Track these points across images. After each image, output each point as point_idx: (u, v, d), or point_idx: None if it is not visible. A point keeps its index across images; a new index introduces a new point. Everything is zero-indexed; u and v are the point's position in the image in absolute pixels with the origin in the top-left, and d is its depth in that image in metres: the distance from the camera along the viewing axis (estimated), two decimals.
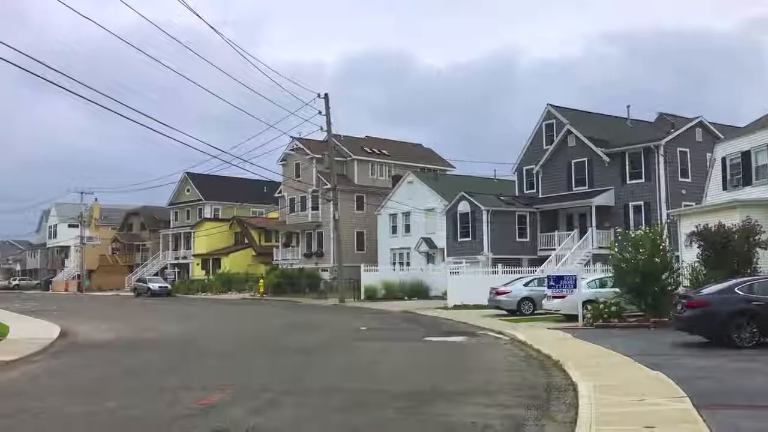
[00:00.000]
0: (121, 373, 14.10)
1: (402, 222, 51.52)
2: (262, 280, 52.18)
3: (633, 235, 23.41)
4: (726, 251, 21.06)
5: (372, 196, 55.65)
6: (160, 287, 58.64)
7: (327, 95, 41.85)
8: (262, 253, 63.49)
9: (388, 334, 22.38)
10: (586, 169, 42.03)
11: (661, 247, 22.46)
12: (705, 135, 40.04)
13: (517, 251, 42.01)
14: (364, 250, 54.84)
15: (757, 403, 9.43)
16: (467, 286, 33.72)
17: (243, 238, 67.17)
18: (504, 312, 27.32)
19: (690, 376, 11.20)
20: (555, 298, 23.52)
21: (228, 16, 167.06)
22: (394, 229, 52.14)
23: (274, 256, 60.82)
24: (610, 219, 40.11)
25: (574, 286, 22.26)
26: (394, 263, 50.40)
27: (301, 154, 57.96)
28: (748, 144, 26.89)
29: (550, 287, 23.21)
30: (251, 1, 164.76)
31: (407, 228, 50.97)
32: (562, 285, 22.63)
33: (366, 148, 59.71)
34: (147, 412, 9.73)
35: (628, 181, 40.10)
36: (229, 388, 11.43)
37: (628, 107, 45.43)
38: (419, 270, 46.08)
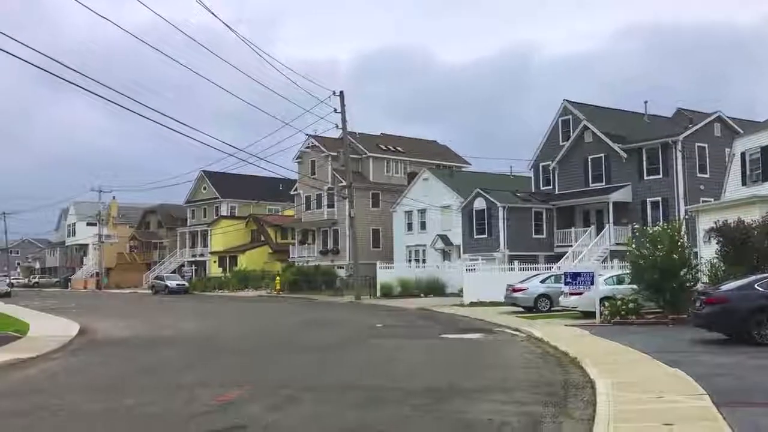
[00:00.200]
0: (139, 370, 14.21)
1: (417, 219, 51.46)
2: (278, 278, 52.36)
3: (651, 232, 23.22)
4: (745, 247, 20.84)
5: (387, 193, 55.64)
6: (177, 285, 59.03)
7: (342, 93, 41.92)
8: (279, 251, 63.71)
9: (405, 331, 22.38)
10: (603, 165, 41.75)
11: (679, 243, 22.27)
12: (724, 130, 39.64)
13: (533, 248, 41.83)
14: (380, 247, 54.86)
15: None
16: (483, 283, 33.64)
17: (259, 235, 67.42)
18: (520, 309, 27.24)
19: (709, 373, 11.09)
20: (572, 295, 23.38)
21: (243, 14, 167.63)
22: (410, 226, 52.10)
23: (290, 253, 61.02)
24: (628, 215, 39.83)
25: (592, 283, 22.11)
26: (410, 260, 50.37)
27: (316, 151, 58.07)
28: None
29: (567, 284, 23.06)
30: None
31: (423, 225, 50.91)
32: (579, 282, 22.48)
33: (381, 146, 59.69)
34: (165, 409, 9.79)
35: (646, 177, 39.79)
36: (247, 385, 11.48)
37: (646, 103, 45.20)
38: (435, 267, 46.01)
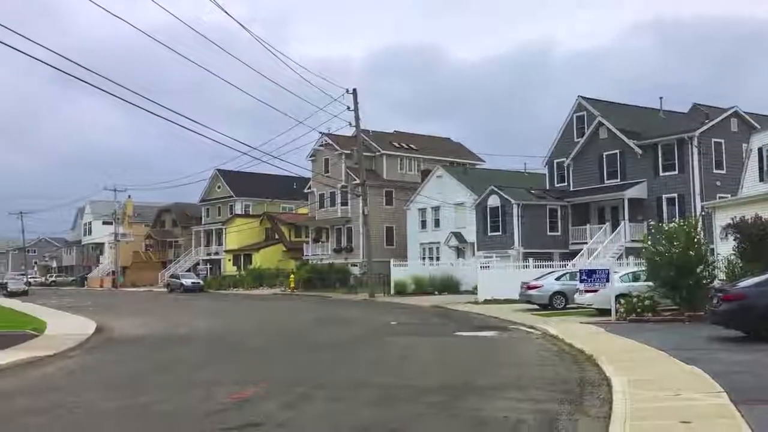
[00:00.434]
0: (154, 368, 14.29)
1: (431, 216, 51.39)
2: (292, 276, 52.49)
3: (667, 228, 23.04)
4: (763, 243, 20.65)
5: (401, 190, 55.61)
6: (192, 283, 59.35)
7: (355, 90, 41.92)
8: (293, 249, 63.87)
9: (419, 329, 22.35)
10: (618, 161, 41.48)
11: (695, 239, 22.07)
12: (740, 125, 39.25)
13: (548, 245, 41.67)
14: (394, 245, 54.85)
15: None
16: (498, 280, 33.55)
17: (273, 233, 67.62)
18: (535, 306, 27.14)
19: (726, 370, 10.98)
20: (587, 292, 23.27)
21: (256, 13, 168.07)
22: (424, 224, 52.03)
23: (304, 251, 61.15)
24: (643, 212, 39.54)
25: (607, 280, 21.98)
26: (424, 258, 50.31)
27: (330, 149, 58.13)
28: None
29: (582, 281, 22.94)
30: None
31: (437, 222, 50.84)
32: (595, 279, 22.36)
33: (395, 143, 59.65)
34: (180, 406, 9.84)
35: (661, 173, 39.48)
36: (262, 383, 11.51)
37: (661, 98, 44.77)
38: (449, 265, 45.90)
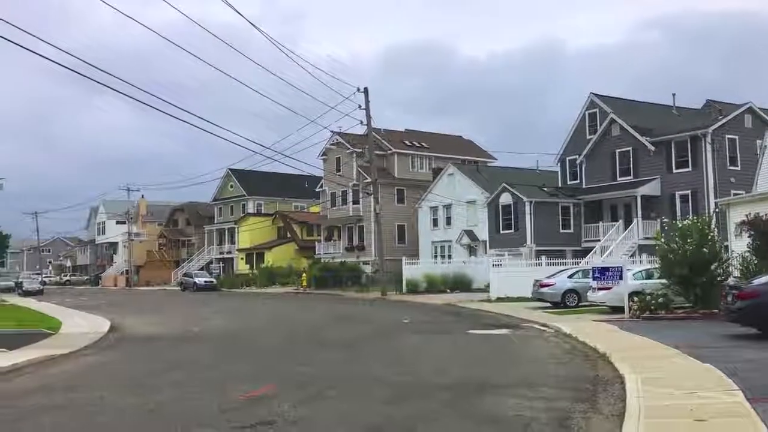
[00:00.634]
0: (168, 366, 14.37)
1: (443, 215, 51.35)
2: (304, 274, 52.59)
3: (680, 225, 22.93)
4: None
5: (412, 189, 55.57)
6: (205, 282, 59.62)
7: (366, 89, 41.94)
8: (305, 247, 64.02)
9: (432, 327, 22.35)
10: (631, 158, 41.28)
11: (709, 236, 21.96)
12: (755, 121, 38.98)
13: (560, 243, 41.52)
14: (405, 243, 54.83)
15: None
16: (510, 278, 33.48)
17: (285, 232, 67.80)
18: (548, 304, 27.07)
19: (741, 368, 10.91)
20: (600, 289, 23.19)
21: (268, 12, 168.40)
22: (435, 222, 52.01)
23: (316, 250, 61.27)
24: (656, 209, 39.31)
25: (620, 278, 21.89)
26: (436, 256, 50.29)
27: (341, 148, 58.19)
28: None
29: (595, 279, 22.86)
30: None
31: (448, 221, 50.78)
32: (608, 276, 22.27)
33: (406, 141, 59.61)
34: (195, 404, 9.90)
35: (675, 170, 39.24)
36: (275, 381, 11.56)
37: (674, 95, 44.65)
38: (461, 263, 45.86)
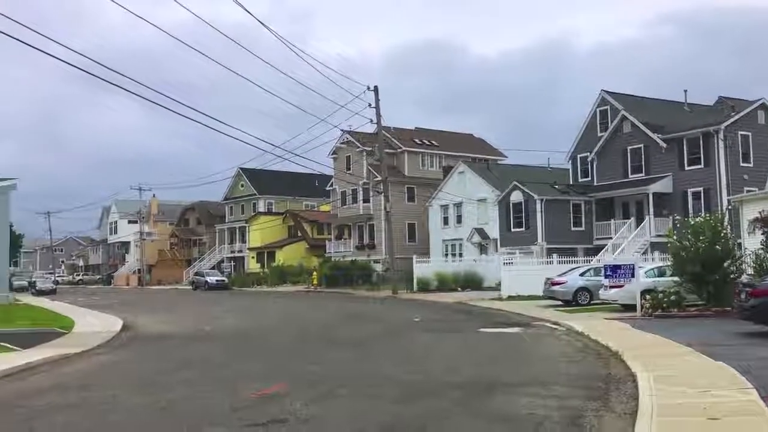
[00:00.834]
0: (180, 364, 14.43)
1: (454, 213, 51.28)
2: (315, 273, 52.67)
3: (692, 223, 22.81)
4: None
5: (423, 187, 55.51)
6: (217, 281, 59.85)
7: (376, 88, 41.95)
8: (315, 246, 64.12)
9: (442, 325, 22.34)
10: (643, 155, 41.07)
11: (722, 234, 21.84)
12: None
13: (572, 241, 41.38)
14: (416, 241, 54.79)
15: None
16: (521, 276, 33.39)
17: (296, 231, 67.92)
18: (559, 303, 26.97)
19: (755, 366, 10.83)
20: (612, 287, 23.08)
21: (276, 11, 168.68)
22: (446, 220, 51.95)
23: (327, 248, 61.34)
24: (668, 206, 39.11)
25: (632, 276, 21.81)
26: (447, 254, 50.24)
27: (351, 146, 58.20)
28: None
29: (607, 277, 22.78)
30: None
31: (459, 219, 50.71)
32: (620, 274, 22.19)
33: (416, 140, 59.55)
34: (207, 402, 9.94)
35: (687, 167, 39.01)
36: (286, 379, 11.58)
37: (685, 91, 44.38)
38: (472, 261, 45.81)
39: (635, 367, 11.26)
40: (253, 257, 69.70)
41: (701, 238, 21.47)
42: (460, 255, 48.96)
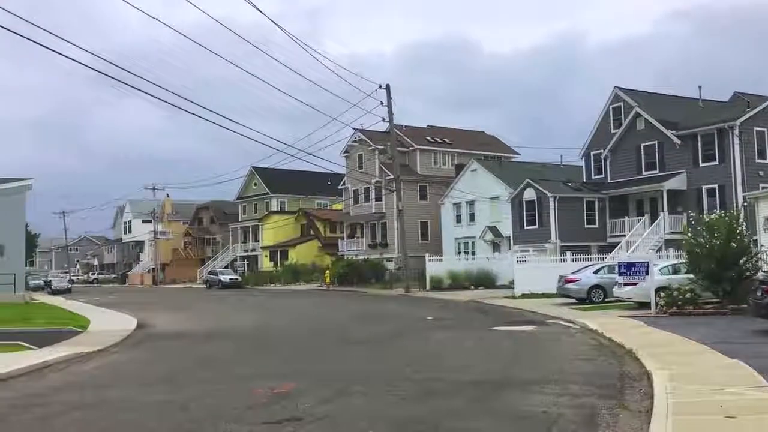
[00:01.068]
0: (195, 363, 14.51)
1: (466, 211, 51.17)
2: (328, 271, 52.77)
3: (707, 220, 22.66)
4: None
5: (435, 185, 55.43)
6: (230, 279, 60.10)
7: (388, 86, 41.96)
8: (328, 245, 64.22)
9: (456, 323, 22.33)
10: (656, 152, 40.80)
11: (737, 231, 21.68)
12: None
13: (585, 238, 41.20)
14: (428, 239, 54.71)
15: None
16: (535, 274, 33.26)
17: (309, 229, 68.08)
18: (573, 300, 26.89)
19: None
20: (626, 285, 22.98)
21: (288, 9, 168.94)
22: (459, 218, 51.86)
23: (340, 247, 61.42)
24: (683, 203, 38.85)
25: (646, 273, 21.68)
26: (459, 252, 50.15)
27: (363, 145, 58.22)
28: None
29: (621, 274, 22.67)
30: None
31: (472, 217, 50.61)
32: (634, 272, 22.07)
33: (428, 138, 59.48)
34: (222, 400, 9.99)
35: (701, 164, 38.72)
36: (301, 378, 11.61)
37: (700, 87, 44.00)
38: (485, 259, 45.71)
39: (650, 364, 11.21)
40: (266, 256, 69.94)
41: (716, 235, 21.33)
42: (473, 253, 48.87)
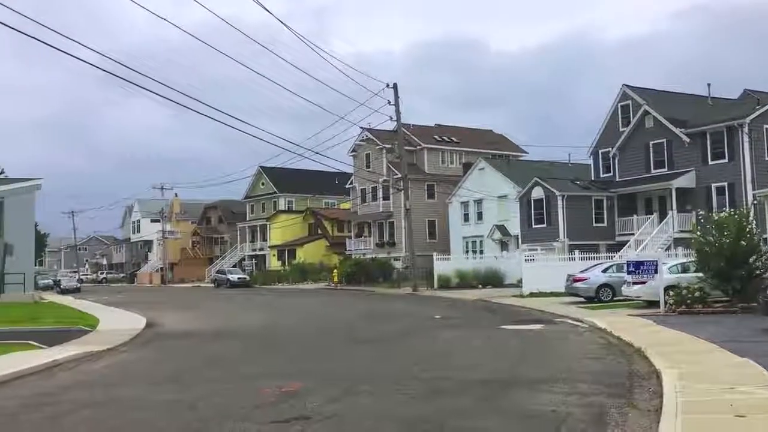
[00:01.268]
0: (203, 362, 14.54)
1: (474, 210, 51.10)
2: (336, 270, 52.81)
3: (716, 218, 22.56)
4: None
5: (443, 184, 55.36)
6: (238, 278, 60.22)
7: (396, 85, 41.98)
8: (335, 244, 64.28)
9: (464, 322, 22.30)
10: (665, 150, 40.62)
11: (747, 229, 21.59)
12: None
13: (594, 237, 41.08)
14: (436, 238, 54.68)
15: None
16: (543, 273, 33.20)
17: (316, 229, 68.16)
18: (582, 299, 26.82)
19: None
20: (635, 284, 22.91)
21: (295, 8, 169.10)
22: (466, 217, 51.79)
23: (347, 246, 61.45)
24: (692, 201, 38.67)
25: (655, 272, 21.61)
26: (467, 251, 50.08)
27: (371, 144, 58.23)
28: None
29: (629, 273, 22.61)
30: None
31: (479, 216, 50.53)
32: (643, 270, 22.00)
33: (436, 136, 59.43)
34: (230, 399, 10.01)
35: (710, 162, 38.53)
36: (308, 377, 11.62)
37: (709, 85, 43.74)
38: (493, 258, 45.63)
39: (659, 363, 11.17)
40: (274, 255, 70.06)
41: (726, 233, 21.23)
42: (481, 252, 48.79)
